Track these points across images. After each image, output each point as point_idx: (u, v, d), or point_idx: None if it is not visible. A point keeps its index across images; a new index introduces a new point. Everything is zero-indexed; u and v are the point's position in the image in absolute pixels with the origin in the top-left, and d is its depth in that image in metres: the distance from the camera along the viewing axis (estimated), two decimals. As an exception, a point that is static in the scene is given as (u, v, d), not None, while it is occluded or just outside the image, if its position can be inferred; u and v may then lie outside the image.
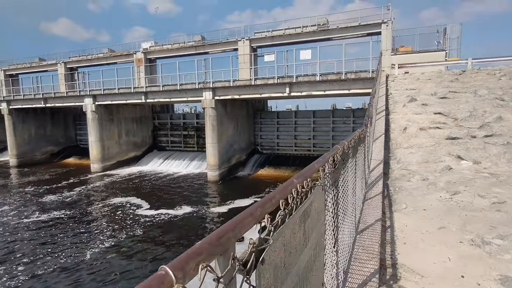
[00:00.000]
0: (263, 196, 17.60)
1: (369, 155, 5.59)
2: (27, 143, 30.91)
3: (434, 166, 5.58)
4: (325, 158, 1.82)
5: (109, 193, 19.41)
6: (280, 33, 23.74)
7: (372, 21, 20.90)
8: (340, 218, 2.09)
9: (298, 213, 0.98)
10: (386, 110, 9.36)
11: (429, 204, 4.15)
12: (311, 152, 25.58)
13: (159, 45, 28.71)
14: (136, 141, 29.40)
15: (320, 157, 1.75)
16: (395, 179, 5.25)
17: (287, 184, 1.02)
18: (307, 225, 1.10)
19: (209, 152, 21.64)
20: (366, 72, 17.16)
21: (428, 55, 18.91)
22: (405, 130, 7.57)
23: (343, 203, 2.25)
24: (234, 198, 17.85)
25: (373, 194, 4.44)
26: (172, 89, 22.26)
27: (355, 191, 3.21)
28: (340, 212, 2.07)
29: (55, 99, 27.57)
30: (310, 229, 1.16)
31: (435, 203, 4.17)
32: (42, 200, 18.05)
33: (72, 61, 32.57)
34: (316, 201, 1.26)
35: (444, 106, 8.96)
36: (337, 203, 1.92)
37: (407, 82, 13.49)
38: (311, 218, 1.16)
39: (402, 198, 4.43)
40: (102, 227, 14.00)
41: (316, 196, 1.25)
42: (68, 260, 10.95)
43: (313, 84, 18.64)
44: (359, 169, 3.60)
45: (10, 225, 14.21)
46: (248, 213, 0.77)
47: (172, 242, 12.41)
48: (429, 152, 6.29)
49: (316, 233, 1.26)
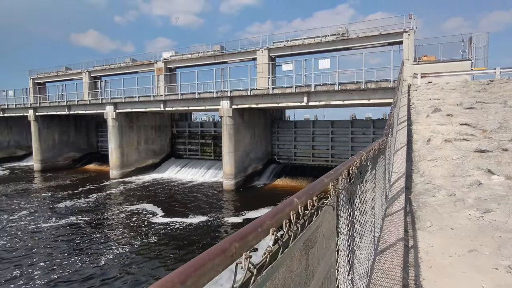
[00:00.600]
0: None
1: (390, 168, 5.25)
2: (51, 148, 31.94)
3: (461, 181, 5.16)
4: (338, 172, 1.58)
5: (125, 200, 19.59)
6: (298, 43, 23.63)
7: (394, 30, 20.43)
8: (357, 240, 1.83)
9: (298, 244, 0.76)
10: (408, 120, 8.93)
11: (457, 222, 3.78)
12: (329, 162, 25.03)
13: (179, 54, 29.24)
14: (155, 149, 29.79)
15: (332, 169, 1.52)
16: (418, 194, 4.88)
17: (284, 206, 0.79)
18: (312, 256, 0.88)
19: (225, 161, 21.56)
20: (386, 82, 16.68)
21: (453, 65, 18.22)
22: (429, 141, 7.15)
23: (360, 222, 1.98)
24: (249, 208, 17.58)
25: (394, 210, 4.11)
26: (190, 97, 22.46)
27: (375, 207, 2.92)
28: (356, 233, 1.81)
29: (78, 107, 28.44)
30: (317, 260, 0.93)
31: (463, 221, 3.79)
32: (59, 205, 18.41)
33: (96, 70, 33.67)
34: (324, 224, 1.03)
35: (471, 117, 8.45)
36: (352, 224, 1.67)
37: (431, 92, 12.95)
38: (318, 247, 0.93)
39: (426, 215, 4.07)
40: (117, 234, 14.05)
41: (324, 218, 1.02)
42: (84, 265, 11.02)
43: (332, 94, 18.30)
44: (379, 183, 3.31)
45: (28, 229, 14.50)
46: (216, 251, 0.53)
47: (184, 251, 12.26)
48: (455, 165, 5.86)
49: (324, 264, 1.02)
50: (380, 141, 3.36)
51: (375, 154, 2.82)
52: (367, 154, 2.16)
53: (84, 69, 34.47)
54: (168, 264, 11.12)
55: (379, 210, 3.41)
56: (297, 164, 26.06)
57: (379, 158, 3.15)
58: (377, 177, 3.07)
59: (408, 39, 19.37)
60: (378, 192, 3.28)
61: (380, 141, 3.36)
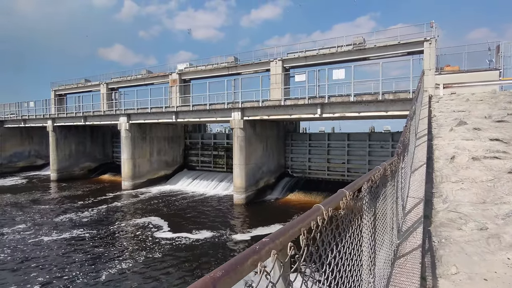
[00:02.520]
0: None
1: (405, 192, 4.41)
2: (67, 158, 32.37)
3: (494, 210, 4.25)
4: (291, 231, 0.88)
5: (134, 213, 19.21)
6: (313, 53, 22.99)
7: (414, 39, 19.45)
8: None
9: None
10: (428, 134, 8.00)
11: (492, 270, 2.91)
12: (345, 177, 23.89)
13: (193, 66, 29.23)
14: (167, 160, 29.57)
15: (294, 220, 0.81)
16: (440, 225, 4.01)
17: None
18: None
19: (236, 173, 20.90)
20: (405, 93, 15.67)
21: (479, 75, 17.01)
22: (453, 159, 6.22)
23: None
24: (260, 224, 16.74)
25: (409, 248, 3.28)
26: (201, 109, 22.13)
27: (377, 256, 2.15)
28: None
29: (93, 117, 28.75)
30: None
31: (501, 268, 2.92)
32: (65, 217, 18.18)
33: (113, 82, 34.24)
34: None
35: (503, 131, 7.44)
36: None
37: (455, 103, 11.89)
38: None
39: (450, 256, 3.22)
40: (122, 248, 13.57)
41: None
42: (85, 280, 10.61)
43: (347, 105, 17.42)
44: (385, 219, 2.53)
45: (27, 242, 14.22)
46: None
47: (188, 268, 11.58)
48: (486, 189, 4.94)
49: None
50: (387, 164, 2.59)
51: (377, 183, 2.06)
52: (352, 197, 1.42)
53: (102, 81, 35.17)
54: (169, 281, 10.45)
55: (387, 253, 2.61)
56: (311, 178, 25.04)
57: (383, 189, 2.38)
58: (381, 212, 2.30)
59: (429, 48, 18.35)
60: (386, 232, 2.49)
61: (387, 163, 2.59)
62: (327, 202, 1.16)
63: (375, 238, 2.03)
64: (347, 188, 1.38)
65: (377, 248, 2.15)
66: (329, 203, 1.15)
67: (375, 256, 2.14)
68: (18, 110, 35.70)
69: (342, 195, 1.30)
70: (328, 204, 1.13)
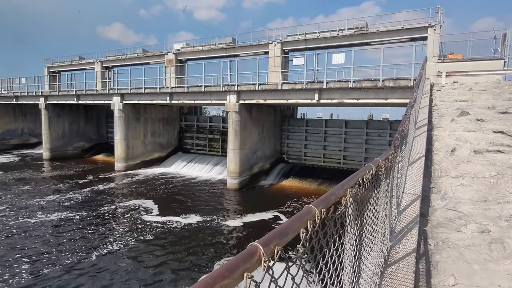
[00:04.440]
0: (284, 210, 16.14)
1: (401, 188, 4.02)
2: (60, 137, 31.82)
3: (497, 209, 3.88)
4: None
5: (125, 194, 18.92)
6: (313, 36, 22.22)
7: (417, 25, 18.71)
8: None
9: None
10: (428, 124, 7.58)
11: (495, 282, 2.56)
12: (340, 165, 23.61)
13: (190, 46, 28.34)
14: (162, 142, 29.11)
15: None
16: (437, 225, 3.65)
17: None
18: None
19: (230, 158, 20.54)
20: (406, 80, 15.13)
21: (483, 64, 16.45)
22: (453, 152, 5.83)
23: None
24: (252, 210, 16.50)
25: (402, 253, 2.91)
26: (196, 91, 21.51)
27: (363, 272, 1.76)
28: None
29: (86, 96, 28.06)
30: None
31: (505, 281, 2.57)
32: (53, 197, 17.85)
33: (108, 60, 33.28)
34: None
35: (507, 123, 7.03)
36: None
37: (457, 93, 11.42)
38: None
39: (448, 264, 2.86)
40: (111, 230, 13.33)
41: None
42: (75, 260, 10.54)
43: (346, 91, 16.90)
44: (376, 225, 2.14)
45: (10, 223, 13.93)
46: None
47: (177, 252, 11.38)
48: (488, 185, 4.57)
49: None
50: (382, 159, 2.18)
51: (367, 186, 1.64)
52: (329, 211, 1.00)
53: (96, 59, 34.20)
54: (156, 265, 10.23)
55: (376, 263, 2.23)
56: (307, 164, 24.76)
57: (375, 191, 1.96)
58: (371, 220, 1.90)
59: (433, 34, 17.66)
60: (376, 241, 2.11)
61: (382, 159, 2.18)
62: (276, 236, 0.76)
63: (361, 256, 1.63)
64: (318, 203, 0.96)
65: (362, 264, 1.76)
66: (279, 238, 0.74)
67: (360, 272, 1.75)
68: (10, 86, 34.85)
69: (308, 216, 0.89)
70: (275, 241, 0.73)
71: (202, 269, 10.36)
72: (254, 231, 13.70)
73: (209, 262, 10.78)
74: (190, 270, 10.28)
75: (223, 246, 12.22)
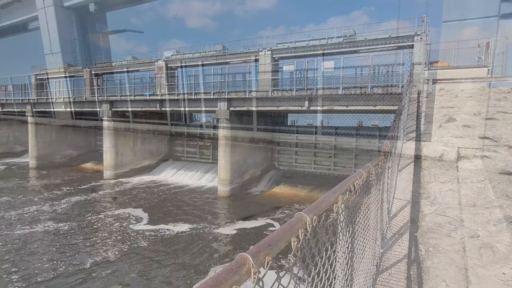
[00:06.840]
0: (276, 217, 16.02)
1: (391, 194, 4.04)
2: (47, 146, 31.19)
3: (486, 214, 3.93)
4: None
5: (113, 204, 18.58)
6: (303, 44, 22.46)
7: (404, 33, 19.14)
8: None
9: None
10: (417, 131, 7.69)
11: (486, 287, 2.57)
12: (331, 171, 23.72)
13: (180, 54, 28.30)
14: (152, 150, 28.81)
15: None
16: (427, 230, 3.66)
17: None
18: None
19: (221, 165, 20.44)
20: (395, 87, 15.39)
21: (468, 71, 16.86)
22: (441, 157, 5.91)
23: None
24: (243, 217, 16.39)
25: (394, 259, 2.91)
26: (186, 98, 21.44)
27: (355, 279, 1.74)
28: None
29: (74, 104, 27.66)
30: None
31: (496, 286, 2.58)
32: (43, 207, 17.44)
33: (97, 68, 32.92)
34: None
35: (493, 129, 7.18)
36: None
37: (443, 99, 11.65)
38: None
39: (439, 270, 2.86)
40: (99, 240, 13.03)
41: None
42: (62, 270, 10.23)
43: (335, 98, 17.07)
44: (367, 233, 2.13)
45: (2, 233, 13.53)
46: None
47: (167, 261, 11.16)
48: (476, 190, 4.63)
49: None
50: (372, 165, 2.18)
51: (358, 192, 1.64)
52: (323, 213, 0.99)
53: (85, 66, 33.81)
54: (145, 274, 10.00)
55: (368, 270, 2.22)
56: (298, 170, 24.80)
57: (366, 197, 1.96)
58: (362, 227, 1.89)
59: (420, 42, 18.07)
60: (367, 248, 2.09)
61: (372, 165, 2.18)
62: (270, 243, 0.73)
63: (353, 263, 1.62)
64: (309, 211, 0.94)
65: (355, 272, 1.74)
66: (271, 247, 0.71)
67: (353, 280, 1.73)
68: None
69: (300, 224, 0.87)
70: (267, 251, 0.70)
71: (193, 278, 10.19)
72: (246, 239, 13.59)
73: (201, 271, 10.62)
74: (180, 280, 10.10)
75: (214, 255, 12.06)
